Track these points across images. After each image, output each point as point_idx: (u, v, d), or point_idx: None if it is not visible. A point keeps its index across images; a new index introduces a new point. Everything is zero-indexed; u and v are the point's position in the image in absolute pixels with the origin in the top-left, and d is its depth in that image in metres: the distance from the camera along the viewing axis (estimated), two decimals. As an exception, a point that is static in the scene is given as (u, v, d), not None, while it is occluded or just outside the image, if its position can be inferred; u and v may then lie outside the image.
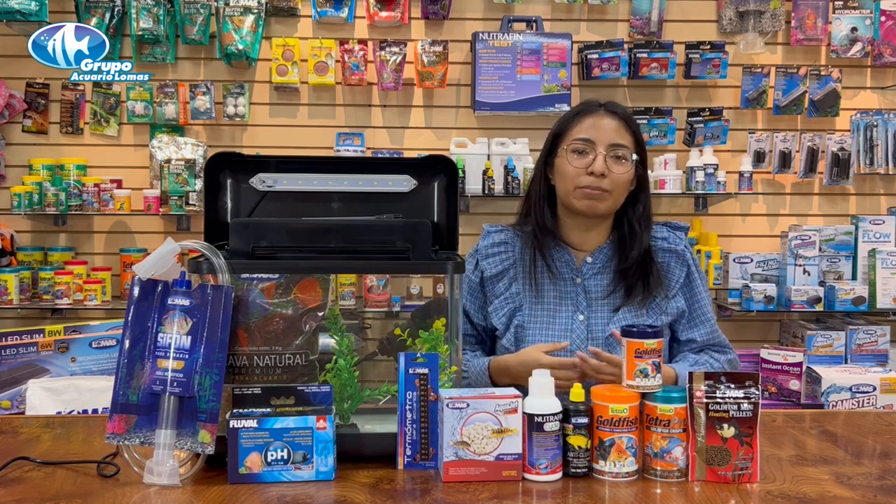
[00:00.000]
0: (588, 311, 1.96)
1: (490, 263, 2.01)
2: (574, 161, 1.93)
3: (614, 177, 1.91)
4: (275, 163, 1.73)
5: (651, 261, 1.97)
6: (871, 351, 3.67)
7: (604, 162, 1.90)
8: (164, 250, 1.49)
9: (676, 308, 1.98)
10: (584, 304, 1.96)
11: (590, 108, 1.99)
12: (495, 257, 2.02)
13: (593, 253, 2.00)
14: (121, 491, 1.39)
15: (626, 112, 2.00)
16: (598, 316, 1.96)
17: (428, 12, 3.81)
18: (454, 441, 1.43)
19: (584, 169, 1.92)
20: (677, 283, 1.99)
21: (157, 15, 3.68)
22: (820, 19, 3.86)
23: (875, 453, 1.66)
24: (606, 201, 1.93)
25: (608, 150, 1.92)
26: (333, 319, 1.60)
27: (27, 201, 3.58)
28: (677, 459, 1.44)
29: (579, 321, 1.95)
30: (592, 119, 1.96)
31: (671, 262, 2.00)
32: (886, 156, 3.83)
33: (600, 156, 1.91)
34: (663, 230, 2.04)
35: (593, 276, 1.98)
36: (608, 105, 1.99)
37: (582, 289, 1.98)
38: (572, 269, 1.99)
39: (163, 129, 3.82)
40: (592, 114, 1.97)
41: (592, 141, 1.93)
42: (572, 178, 1.93)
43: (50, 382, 2.45)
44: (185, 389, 1.42)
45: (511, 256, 2.01)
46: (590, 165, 1.91)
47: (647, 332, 1.49)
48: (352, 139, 3.78)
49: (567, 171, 1.94)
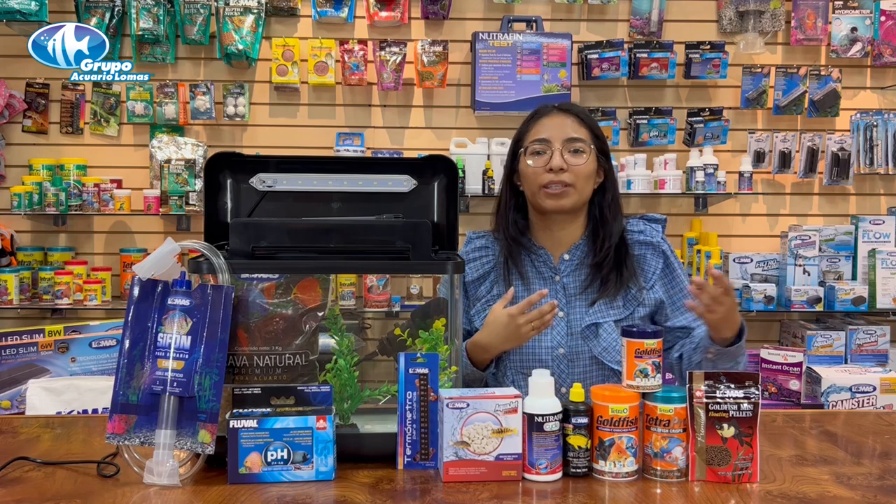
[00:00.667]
0: (567, 308, 1.98)
1: (471, 268, 2.05)
2: (533, 161, 1.98)
3: (574, 169, 1.96)
4: (275, 163, 1.73)
5: (626, 252, 2.00)
6: (871, 351, 3.67)
7: (560, 157, 1.95)
8: (164, 250, 1.49)
9: (654, 299, 2.00)
10: (564, 302, 1.99)
11: (544, 111, 2.05)
12: (475, 262, 2.06)
13: (570, 250, 2.03)
14: (121, 491, 1.39)
15: (581, 109, 2.06)
16: (576, 311, 1.98)
17: (428, 12, 3.81)
18: (454, 441, 1.43)
19: (543, 167, 1.96)
20: (654, 273, 2.01)
21: (157, 15, 3.68)
22: (820, 19, 3.86)
23: (875, 453, 1.66)
24: (571, 196, 1.97)
25: (564, 146, 1.97)
26: (333, 319, 1.60)
27: (27, 201, 3.58)
28: (677, 459, 1.44)
29: (559, 318, 1.97)
30: (546, 119, 2.02)
31: (647, 254, 2.02)
32: (886, 156, 3.83)
33: (556, 151, 1.96)
34: (640, 223, 2.07)
35: (571, 273, 2.01)
36: (561, 105, 2.06)
37: (561, 286, 2.01)
38: (550, 267, 2.02)
39: (163, 129, 3.82)
40: (546, 115, 2.03)
41: (548, 139, 1.98)
42: (534, 179, 1.98)
43: (50, 382, 2.45)
44: (185, 389, 1.42)
45: (491, 260, 2.05)
46: (548, 163, 1.96)
47: (647, 332, 1.49)
48: (352, 139, 3.78)
49: (528, 173, 1.99)
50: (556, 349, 1.94)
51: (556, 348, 1.94)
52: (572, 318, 1.97)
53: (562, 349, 1.93)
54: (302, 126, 3.87)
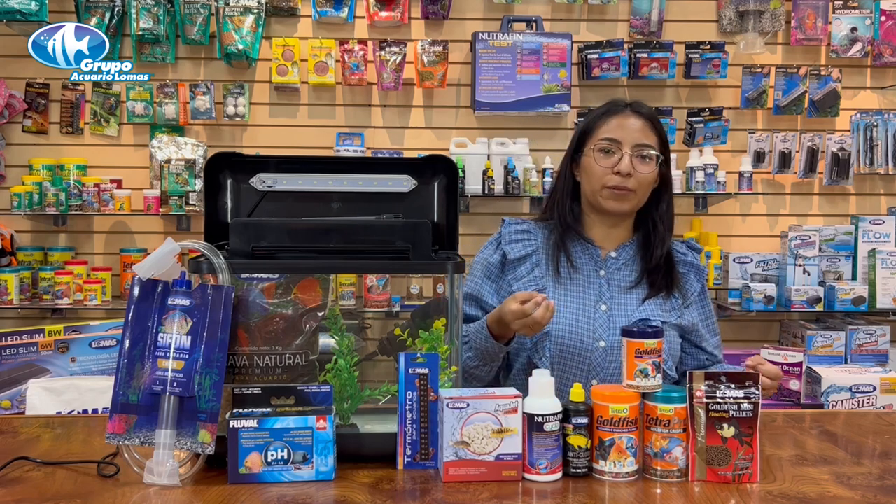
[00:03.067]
0: (611, 302, 1.97)
1: (514, 248, 2.03)
2: (601, 160, 1.97)
3: (640, 176, 1.95)
4: (275, 163, 1.73)
5: (673, 264, 2.02)
6: (871, 351, 3.67)
7: (629, 162, 1.94)
8: (164, 250, 1.49)
9: (691, 318, 2.01)
10: (607, 296, 1.98)
11: (616, 108, 2.02)
12: (519, 243, 2.04)
13: (617, 249, 2.03)
14: (121, 491, 1.39)
15: (652, 112, 2.04)
16: (622, 307, 1.97)
17: (428, 12, 3.81)
18: (454, 441, 1.43)
19: (610, 168, 1.95)
20: (693, 294, 2.03)
21: (157, 15, 3.68)
22: (820, 19, 3.86)
23: (875, 453, 1.66)
24: (632, 200, 1.97)
25: (634, 150, 1.95)
26: (333, 319, 1.60)
27: (27, 201, 3.58)
28: (677, 459, 1.44)
29: (601, 311, 1.96)
30: (619, 119, 1.99)
31: (690, 275, 2.05)
32: (886, 156, 3.83)
33: (626, 156, 1.94)
34: (683, 247, 2.09)
35: (616, 271, 2.01)
36: (634, 105, 2.03)
37: (605, 280, 2.00)
38: (596, 261, 2.02)
39: (163, 129, 3.82)
40: (619, 114, 2.00)
41: (619, 141, 1.96)
42: (599, 178, 1.97)
43: (50, 382, 2.45)
44: (185, 389, 1.41)
45: (534, 244, 2.03)
46: (616, 165, 1.95)
47: (647, 332, 1.49)
48: (352, 139, 3.78)
49: (594, 171, 1.98)
50: (596, 341, 1.92)
51: (596, 340, 1.92)
52: (616, 313, 1.96)
53: (602, 342, 1.92)
54: (302, 126, 3.87)
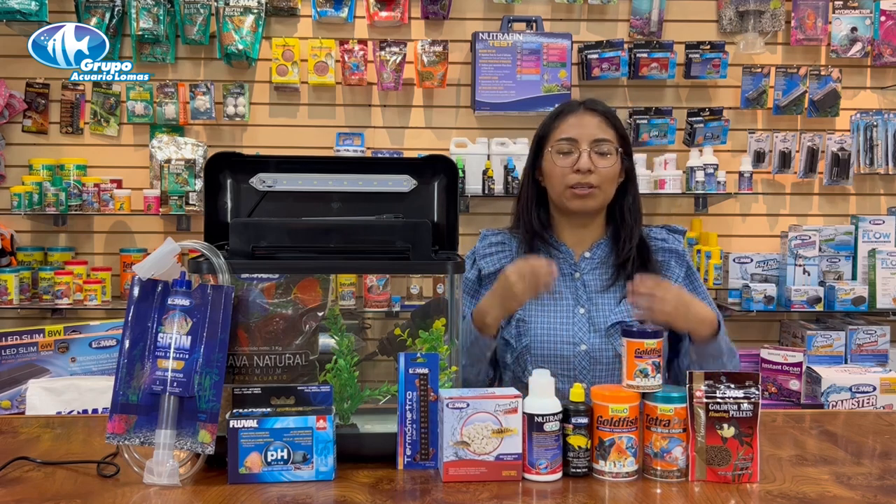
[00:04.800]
0: (588, 304, 1.97)
1: (487, 262, 2.03)
2: (560, 161, 1.97)
3: (601, 171, 1.94)
4: (275, 163, 1.73)
5: (648, 255, 2.00)
6: (871, 351, 3.67)
7: (588, 158, 1.94)
8: (164, 250, 1.49)
9: None
10: (585, 298, 1.97)
11: (570, 108, 2.02)
12: (492, 256, 2.04)
13: (591, 248, 2.02)
14: (121, 491, 1.39)
15: (607, 108, 2.03)
16: (600, 308, 1.96)
17: (428, 12, 3.81)
18: (454, 441, 1.43)
19: (570, 167, 1.95)
20: (676, 281, 2.00)
21: (157, 15, 3.68)
22: (820, 19, 3.86)
23: (875, 453, 1.66)
24: (597, 198, 1.97)
25: (591, 146, 1.95)
26: (333, 319, 1.60)
27: (27, 201, 3.58)
28: (677, 459, 1.44)
29: (580, 314, 1.95)
30: (573, 118, 1.99)
31: (671, 262, 2.03)
32: (886, 156, 3.83)
33: (584, 153, 1.94)
34: (662, 232, 2.07)
35: (591, 271, 2.01)
36: (587, 103, 2.03)
37: (581, 283, 1.99)
38: (570, 264, 2.01)
39: (163, 129, 3.82)
40: (573, 113, 2.00)
41: (575, 139, 1.96)
42: (560, 179, 1.97)
43: (50, 382, 2.45)
44: (185, 389, 1.41)
45: (508, 255, 2.03)
46: (575, 163, 1.94)
47: (647, 332, 1.49)
48: (352, 139, 3.78)
49: (554, 172, 1.98)
50: (577, 346, 1.92)
51: (577, 345, 1.92)
52: (594, 315, 1.95)
53: (584, 346, 1.92)
54: (302, 126, 3.87)
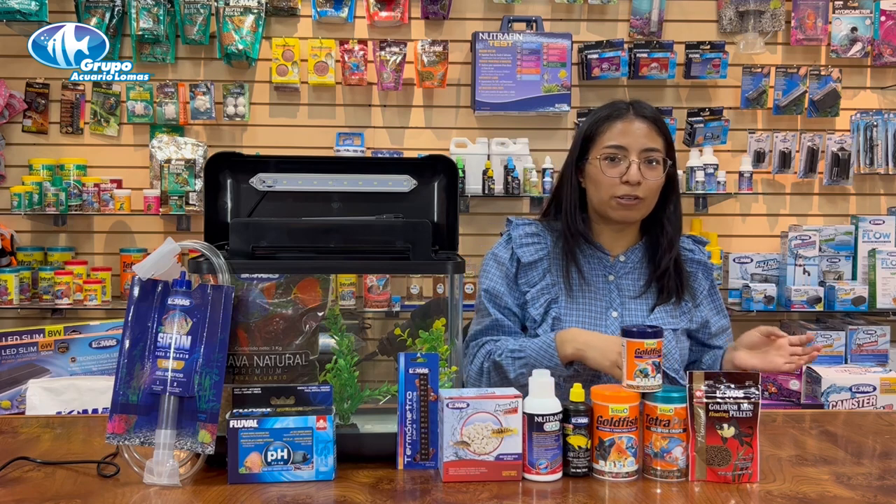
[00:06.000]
0: (621, 309, 1.95)
1: (526, 252, 1.98)
2: (607, 170, 1.90)
3: (648, 183, 1.89)
4: (275, 163, 1.73)
5: (681, 265, 1.98)
6: (871, 351, 3.67)
7: (638, 170, 1.87)
8: (164, 250, 1.49)
9: (701, 317, 1.99)
10: (618, 302, 1.95)
11: (619, 112, 1.93)
12: (530, 247, 1.98)
13: (626, 252, 1.99)
14: (121, 491, 1.39)
15: (655, 113, 1.96)
16: (633, 313, 1.95)
17: (428, 12, 3.81)
18: (454, 441, 1.43)
19: (618, 178, 1.88)
20: (702, 293, 2.01)
21: (157, 15, 3.68)
22: (820, 19, 3.86)
23: (875, 453, 1.65)
24: (641, 209, 1.92)
25: (641, 157, 1.89)
26: (333, 319, 1.60)
27: (27, 201, 3.58)
28: (677, 459, 1.44)
29: (613, 318, 1.94)
30: (623, 124, 1.91)
31: (698, 273, 2.02)
32: (886, 156, 3.83)
33: (634, 164, 1.87)
34: (689, 242, 2.05)
35: (626, 275, 1.98)
36: (636, 107, 1.94)
37: (615, 286, 1.97)
38: (605, 266, 1.98)
39: (163, 129, 3.82)
40: (622, 118, 1.92)
41: (625, 147, 1.89)
42: (607, 188, 1.90)
43: (50, 382, 2.45)
44: (185, 389, 1.41)
45: (544, 248, 1.98)
46: (624, 174, 1.88)
47: (647, 332, 1.49)
48: (352, 139, 3.78)
49: (601, 181, 1.91)
50: None
51: None
52: (627, 319, 1.93)
53: None
54: (302, 126, 3.87)
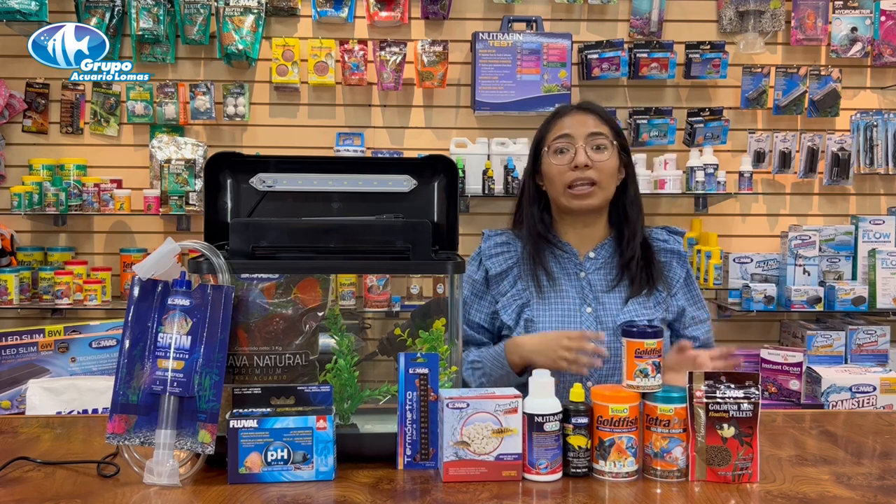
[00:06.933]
0: (595, 304, 1.97)
1: (494, 263, 2.04)
2: (557, 160, 1.98)
3: (599, 165, 1.96)
4: (275, 163, 1.73)
5: (652, 255, 2.01)
6: (871, 351, 3.67)
7: (584, 153, 1.95)
8: (164, 250, 1.49)
9: (677, 306, 2.02)
10: (591, 297, 1.98)
11: (563, 110, 2.06)
12: (499, 257, 2.05)
13: (595, 248, 2.03)
14: (121, 491, 1.39)
15: (600, 107, 2.07)
16: (607, 308, 1.97)
17: (428, 12, 3.81)
18: (454, 441, 1.43)
19: (567, 165, 1.96)
20: (678, 282, 2.03)
21: (157, 15, 3.68)
22: (820, 19, 3.86)
23: (875, 453, 1.66)
24: (597, 195, 1.98)
25: (587, 141, 1.97)
26: (333, 319, 1.60)
27: (27, 201, 3.58)
28: (677, 459, 1.44)
29: (587, 313, 1.96)
30: (567, 118, 2.02)
31: (673, 262, 2.04)
32: (886, 156, 3.83)
33: (580, 148, 1.96)
34: (663, 233, 2.08)
35: (596, 271, 2.01)
36: (581, 104, 2.07)
37: (587, 282, 2.00)
38: (575, 264, 2.02)
39: (163, 129, 3.82)
40: (567, 114, 2.04)
41: (571, 135, 1.98)
42: (559, 178, 1.98)
43: (50, 382, 2.45)
44: (185, 389, 1.41)
45: (514, 255, 2.04)
46: (572, 160, 1.96)
47: (647, 332, 1.49)
48: (352, 139, 3.78)
49: (552, 172, 1.99)
50: None
51: None
52: (602, 315, 1.96)
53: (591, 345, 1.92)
54: (302, 126, 3.87)
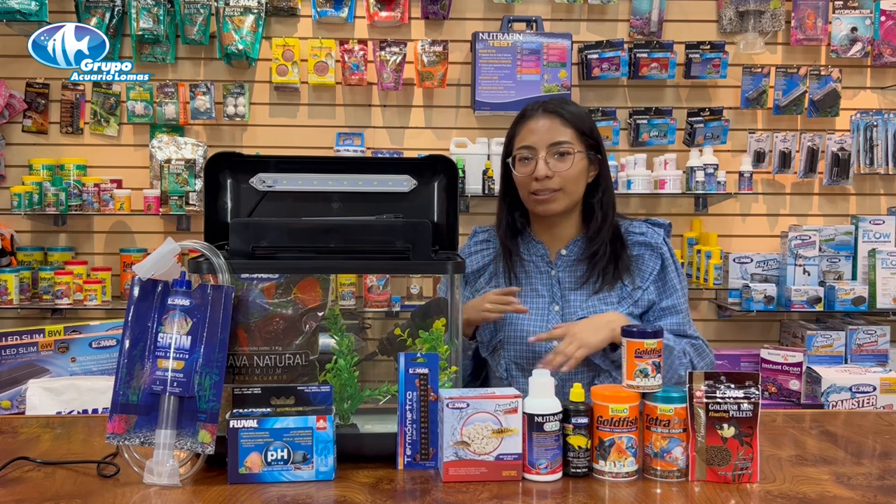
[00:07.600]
0: (563, 302, 2.00)
1: (472, 261, 2.10)
2: (520, 170, 2.00)
3: (562, 174, 1.96)
4: (275, 163, 1.73)
5: (622, 249, 2.01)
6: (871, 351, 3.67)
7: (545, 164, 1.95)
8: (164, 250, 1.49)
9: (647, 300, 2.00)
10: (559, 296, 2.00)
11: (529, 112, 2.03)
12: (476, 255, 2.10)
13: (567, 245, 2.05)
14: (121, 491, 1.39)
15: (562, 107, 2.01)
16: (572, 305, 1.99)
17: (428, 12, 3.81)
18: (454, 441, 1.43)
19: (529, 176, 1.98)
20: (650, 274, 2.01)
21: (157, 15, 3.68)
22: (820, 19, 3.86)
23: (875, 453, 1.66)
24: (560, 200, 1.99)
25: (548, 151, 1.97)
26: (333, 319, 1.60)
27: (27, 201, 3.58)
28: (677, 459, 1.44)
29: (555, 311, 1.99)
30: (530, 124, 2.00)
31: (645, 255, 2.02)
32: (886, 156, 3.83)
33: (541, 160, 1.96)
34: (642, 226, 2.06)
35: (567, 268, 2.03)
36: (547, 105, 2.02)
37: (556, 280, 2.02)
38: (546, 261, 2.04)
39: (163, 129, 3.82)
40: (531, 118, 2.01)
41: (532, 146, 1.98)
42: (523, 187, 2.01)
43: (50, 382, 2.45)
44: (185, 389, 1.42)
45: (491, 253, 2.09)
46: (534, 171, 1.96)
47: (647, 332, 1.49)
48: (352, 139, 3.78)
49: (518, 181, 2.02)
50: (550, 343, 1.92)
51: (551, 342, 1.93)
52: (567, 312, 1.98)
53: (556, 342, 1.92)
54: (302, 126, 3.87)
